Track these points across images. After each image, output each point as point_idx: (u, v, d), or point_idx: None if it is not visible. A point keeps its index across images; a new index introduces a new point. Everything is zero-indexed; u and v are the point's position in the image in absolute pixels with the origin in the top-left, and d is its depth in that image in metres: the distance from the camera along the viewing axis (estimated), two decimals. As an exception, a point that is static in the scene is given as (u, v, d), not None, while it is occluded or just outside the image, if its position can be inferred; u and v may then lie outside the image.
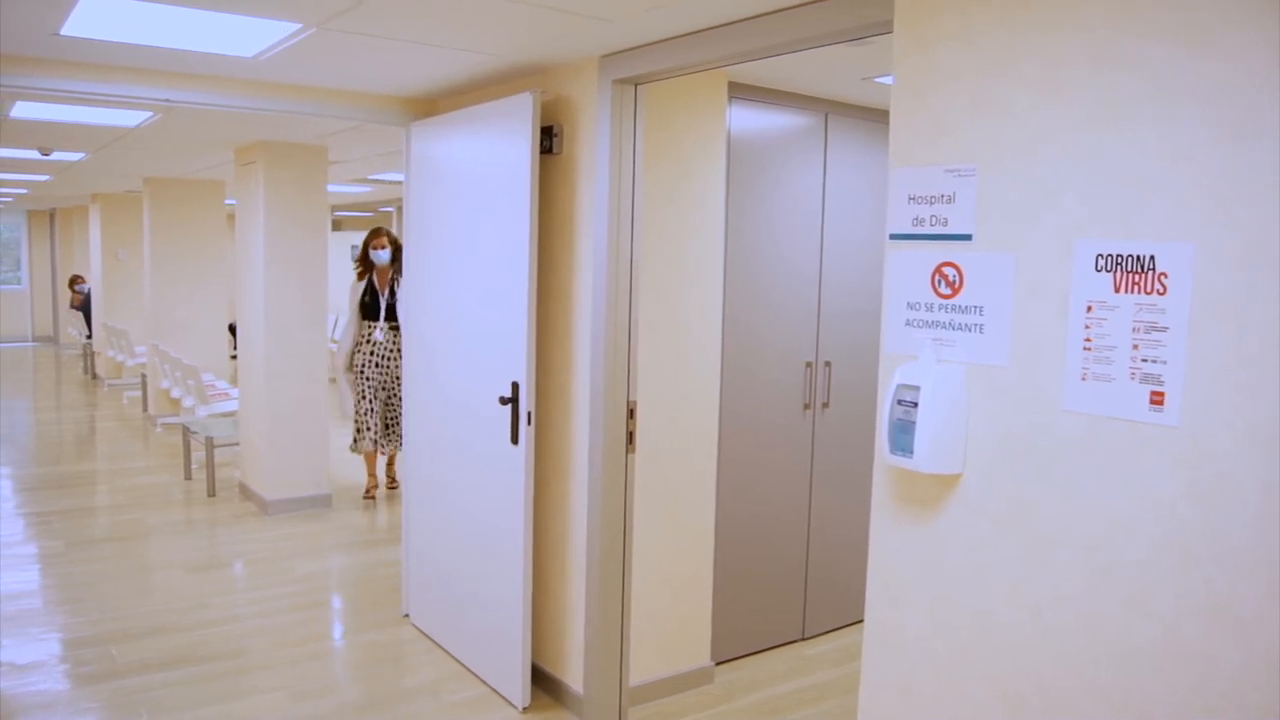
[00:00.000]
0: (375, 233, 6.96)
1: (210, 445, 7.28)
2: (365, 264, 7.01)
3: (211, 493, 7.31)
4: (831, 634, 4.84)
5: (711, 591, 4.26)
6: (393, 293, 6.92)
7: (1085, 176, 1.96)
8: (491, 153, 3.96)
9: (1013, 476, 2.13)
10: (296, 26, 3.30)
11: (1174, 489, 1.84)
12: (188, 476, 7.81)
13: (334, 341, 9.93)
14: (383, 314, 6.95)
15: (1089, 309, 1.96)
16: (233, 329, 11.28)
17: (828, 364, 4.65)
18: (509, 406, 3.83)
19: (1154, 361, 1.85)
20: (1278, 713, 1.70)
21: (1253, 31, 1.69)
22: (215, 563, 5.90)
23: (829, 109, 4.50)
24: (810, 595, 4.76)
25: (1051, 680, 2.07)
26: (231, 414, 8.15)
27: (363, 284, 7.01)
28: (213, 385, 9.17)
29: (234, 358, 9.88)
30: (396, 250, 6.95)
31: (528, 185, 3.67)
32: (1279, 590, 1.69)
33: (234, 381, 9.57)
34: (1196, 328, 1.79)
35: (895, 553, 2.42)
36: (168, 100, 4.17)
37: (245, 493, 7.22)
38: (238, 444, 7.40)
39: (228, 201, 10.48)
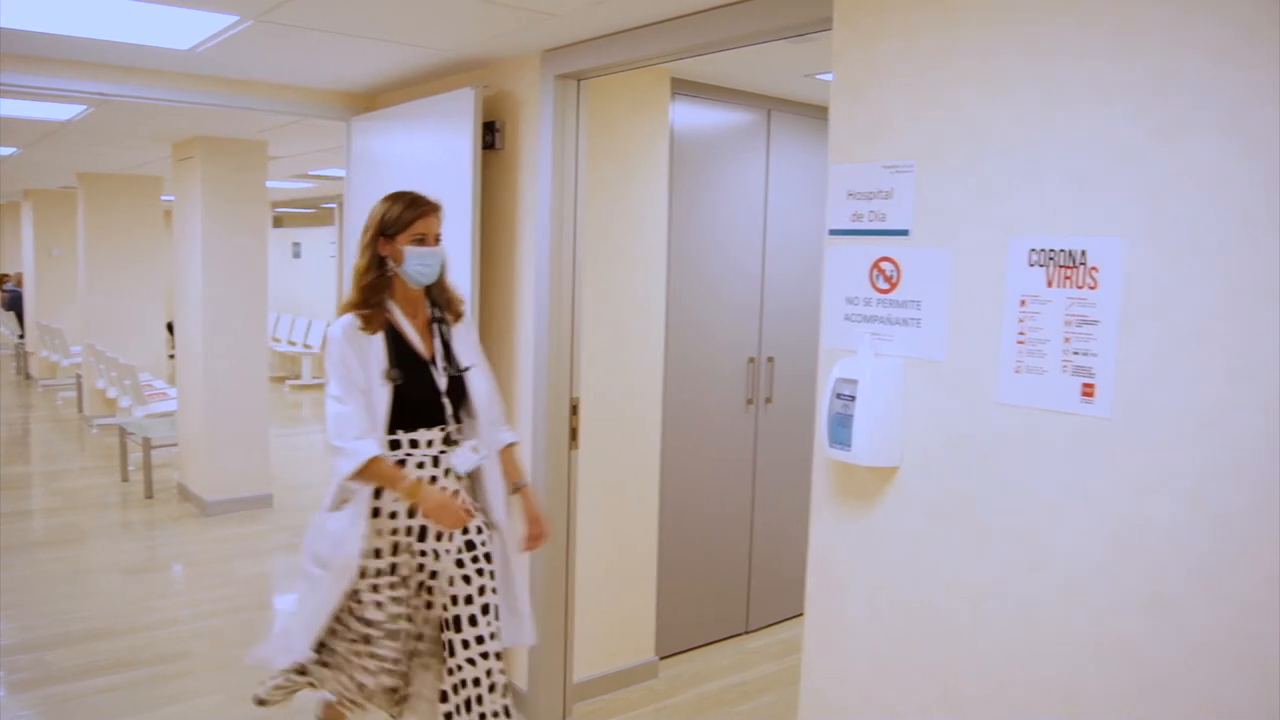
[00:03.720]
0: (413, 203, 2.87)
1: (148, 446, 7.14)
2: (378, 283, 2.86)
3: (149, 494, 7.16)
4: (775, 627, 4.87)
5: (655, 586, 4.27)
6: (448, 349, 2.96)
7: (1020, 172, 1.99)
8: (433, 148, 3.93)
9: (950, 469, 2.16)
10: (234, 18, 3.25)
11: (1105, 480, 1.88)
12: (124, 478, 7.66)
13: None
14: (448, 406, 2.90)
15: (1022, 303, 1.99)
16: (171, 327, 11.08)
17: (770, 359, 4.68)
18: (452, 404, 3.78)
19: (1085, 354, 1.89)
20: (1210, 702, 1.75)
21: (1186, 30, 1.73)
22: (154, 565, 5.79)
23: (772, 105, 4.53)
24: (754, 589, 4.79)
25: (989, 669, 2.10)
26: (169, 414, 8.01)
27: (375, 335, 2.82)
28: (150, 385, 9.01)
29: (172, 357, 9.72)
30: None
31: (469, 181, 3.65)
32: (1211, 579, 1.74)
33: (172, 381, 9.40)
34: (1127, 321, 1.83)
35: (835, 545, 2.45)
36: (102, 94, 4.09)
37: (184, 494, 7.10)
38: (176, 445, 7.27)
39: (165, 198, 10.29)
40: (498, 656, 2.87)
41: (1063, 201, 1.93)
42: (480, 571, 2.87)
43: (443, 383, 2.88)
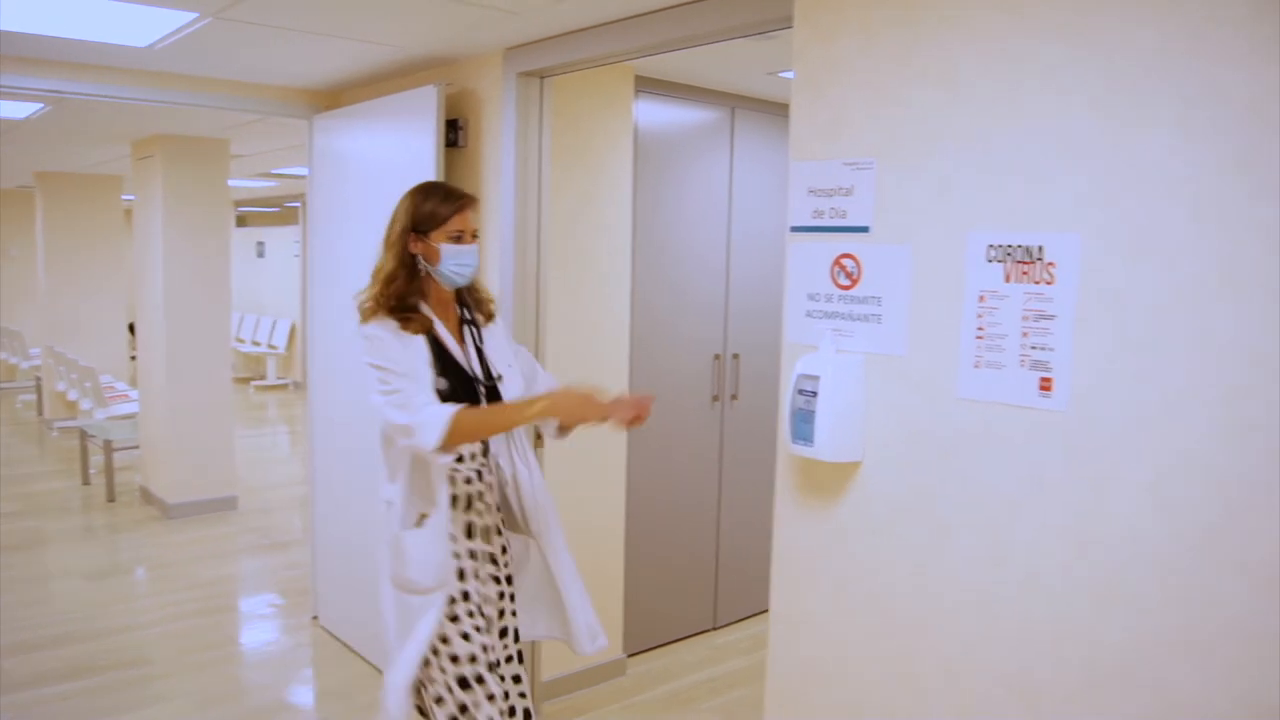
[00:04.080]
0: (449, 196, 2.60)
1: (109, 449, 7.06)
2: (410, 286, 2.56)
3: (111, 498, 7.08)
4: (743, 622, 4.89)
5: (622, 584, 4.27)
6: (482, 356, 2.69)
7: (978, 169, 2.01)
8: (396, 146, 3.90)
9: (911, 464, 2.18)
10: (192, 15, 3.21)
11: (1063, 473, 1.90)
12: (86, 482, 7.56)
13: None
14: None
15: (981, 299, 2.01)
16: (132, 328, 10.96)
17: (736, 356, 4.70)
18: (417, 403, 3.77)
19: (1042, 349, 1.91)
20: (1166, 692, 1.77)
21: (1141, 29, 1.75)
22: (116, 569, 5.72)
23: (735, 103, 4.54)
24: (721, 585, 4.81)
25: (950, 662, 2.12)
26: (131, 416, 7.91)
27: (417, 336, 2.53)
28: (111, 387, 8.90)
29: (134, 358, 9.60)
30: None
31: (432, 179, 3.63)
32: (1166, 572, 1.76)
33: (134, 383, 9.29)
34: (1083, 316, 1.85)
35: (798, 540, 2.46)
36: (58, 92, 4.03)
37: (146, 497, 7.02)
38: (138, 447, 7.19)
39: (125, 197, 10.17)
40: (516, 680, 2.65)
41: (1020, 198, 1.94)
42: (501, 595, 2.67)
43: (480, 390, 2.61)
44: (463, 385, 2.57)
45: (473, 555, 2.59)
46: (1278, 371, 1.61)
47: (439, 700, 2.51)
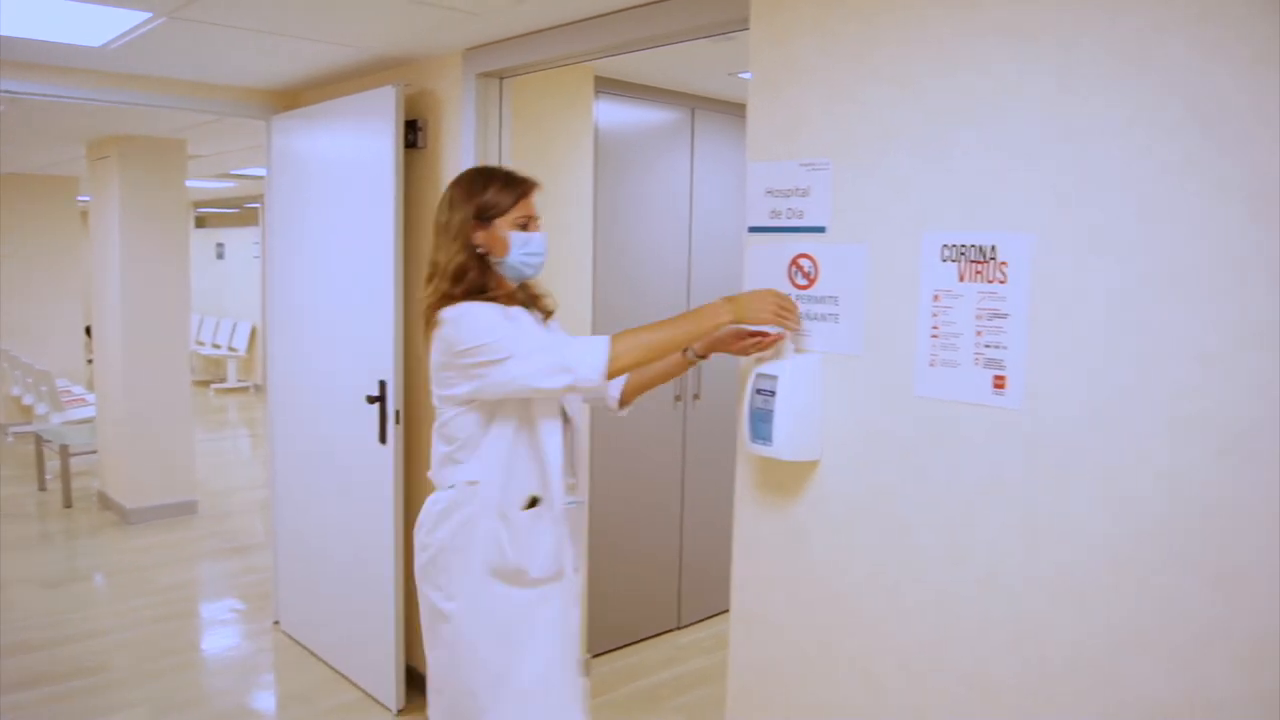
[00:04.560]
0: (510, 181, 2.42)
1: (65, 454, 6.96)
2: (480, 278, 2.35)
3: (68, 503, 6.98)
4: (707, 621, 4.90)
5: (586, 585, 4.26)
6: None
7: (932, 170, 2.03)
8: (355, 148, 3.88)
9: (869, 462, 2.19)
10: (145, 15, 3.18)
11: (1017, 470, 1.92)
12: (42, 488, 7.46)
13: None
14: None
15: (936, 298, 2.03)
16: (89, 331, 10.81)
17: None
18: (377, 405, 3.77)
19: (996, 347, 1.93)
20: (1121, 687, 1.80)
21: (1089, 32, 1.78)
22: (74, 576, 5.65)
23: (696, 104, 4.55)
24: (685, 585, 4.82)
25: (911, 659, 2.14)
26: (88, 420, 7.81)
27: (513, 307, 2.41)
28: (68, 391, 8.78)
29: (90, 361, 9.48)
30: None
31: (391, 181, 3.61)
32: (1119, 568, 1.78)
33: (90, 386, 9.17)
34: (1035, 314, 1.87)
35: (758, 540, 2.47)
36: (10, 92, 3.97)
37: (104, 502, 6.93)
38: (95, 451, 7.09)
39: (81, 198, 10.03)
40: None
41: (972, 199, 1.96)
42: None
43: None
44: None
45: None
46: (1227, 370, 1.64)
47: None
